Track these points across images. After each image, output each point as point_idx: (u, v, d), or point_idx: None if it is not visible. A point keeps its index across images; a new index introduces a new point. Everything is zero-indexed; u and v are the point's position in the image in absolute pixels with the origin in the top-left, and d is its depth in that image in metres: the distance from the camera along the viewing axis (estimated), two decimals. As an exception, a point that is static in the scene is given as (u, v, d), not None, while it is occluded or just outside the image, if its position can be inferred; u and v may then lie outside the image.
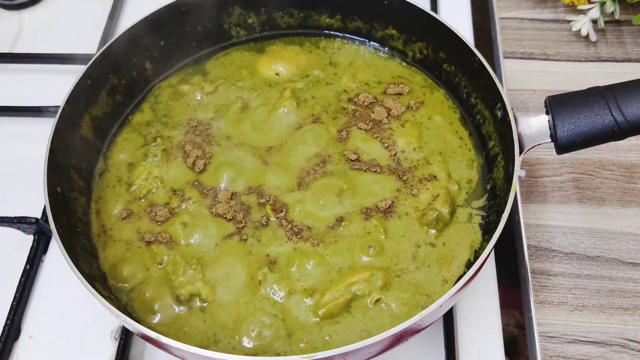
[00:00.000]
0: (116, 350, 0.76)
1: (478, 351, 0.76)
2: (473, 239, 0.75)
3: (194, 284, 0.72)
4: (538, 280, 0.82)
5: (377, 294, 0.70)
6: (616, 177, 0.90)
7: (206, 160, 0.82)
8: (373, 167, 0.80)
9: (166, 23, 0.88)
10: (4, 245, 0.88)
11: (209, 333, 0.70)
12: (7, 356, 0.78)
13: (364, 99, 0.87)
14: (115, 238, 0.77)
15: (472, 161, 0.82)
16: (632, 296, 0.81)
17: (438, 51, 0.88)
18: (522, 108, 0.99)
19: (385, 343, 0.63)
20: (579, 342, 0.78)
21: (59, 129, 0.76)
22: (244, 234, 0.76)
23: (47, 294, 0.83)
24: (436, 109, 0.87)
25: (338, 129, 0.84)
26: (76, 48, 1.05)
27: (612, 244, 0.85)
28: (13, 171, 0.95)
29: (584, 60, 1.04)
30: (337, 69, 0.92)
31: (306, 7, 0.93)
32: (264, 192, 0.79)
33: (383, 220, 0.76)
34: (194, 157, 0.82)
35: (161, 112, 0.88)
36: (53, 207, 0.70)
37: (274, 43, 0.96)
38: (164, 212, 0.78)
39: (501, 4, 1.12)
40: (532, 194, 0.89)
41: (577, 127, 0.70)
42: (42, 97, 0.98)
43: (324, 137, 0.83)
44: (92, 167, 0.83)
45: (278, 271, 0.73)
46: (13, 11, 1.17)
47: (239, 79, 0.91)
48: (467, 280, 0.63)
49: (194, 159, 0.82)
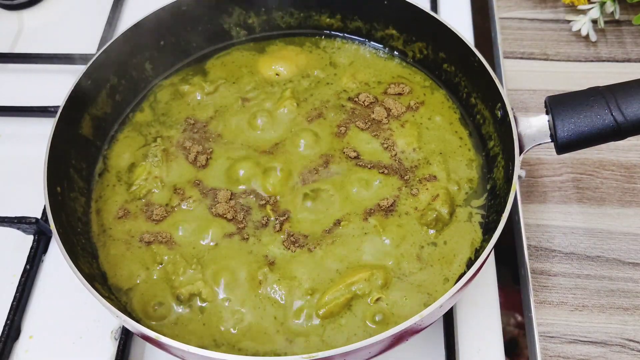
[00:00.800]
0: (116, 350, 0.76)
1: (478, 351, 0.76)
2: (474, 237, 0.76)
3: (194, 283, 0.72)
4: (538, 280, 0.82)
5: (377, 293, 0.70)
6: (616, 177, 0.90)
7: (207, 155, 0.82)
8: (375, 166, 0.80)
9: (166, 23, 0.88)
10: (4, 245, 0.88)
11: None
12: (7, 356, 0.78)
13: (364, 98, 0.87)
14: (115, 238, 0.77)
15: (472, 161, 0.82)
16: (632, 296, 0.81)
17: (438, 51, 0.88)
18: (522, 108, 0.99)
19: (385, 343, 0.63)
20: (579, 342, 0.78)
21: (59, 129, 0.76)
22: (245, 233, 0.76)
23: (47, 294, 0.83)
24: (436, 109, 0.87)
25: (337, 125, 0.84)
26: (76, 48, 1.05)
27: (612, 244, 0.85)
28: (13, 171, 0.95)
29: (584, 60, 1.04)
30: (337, 69, 0.92)
31: (306, 7, 0.93)
32: (263, 193, 0.79)
33: (383, 219, 0.76)
34: (195, 152, 0.82)
35: (161, 112, 0.88)
36: (53, 207, 0.70)
37: (274, 43, 0.96)
38: (161, 210, 0.78)
39: (501, 4, 1.12)
40: (532, 194, 0.89)
41: (577, 127, 0.69)
42: (42, 97, 0.98)
43: (324, 137, 0.83)
44: (92, 167, 0.83)
45: (278, 271, 0.73)
46: (13, 11, 1.17)
47: (239, 79, 0.91)
48: (467, 280, 0.63)
49: (195, 154, 0.82)
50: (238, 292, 0.72)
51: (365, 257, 0.73)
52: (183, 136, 0.85)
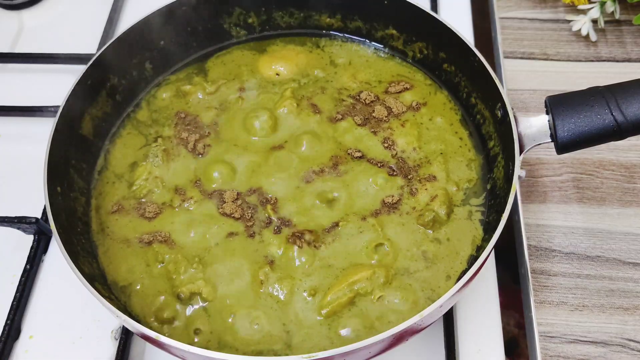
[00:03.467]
0: (116, 350, 0.76)
1: (478, 351, 0.76)
2: (474, 235, 0.76)
3: (195, 282, 0.72)
4: (538, 280, 0.82)
5: (379, 292, 0.70)
6: (616, 177, 0.90)
7: (205, 144, 0.83)
8: (379, 164, 0.80)
9: (166, 23, 0.88)
10: (4, 245, 0.88)
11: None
12: (7, 356, 0.78)
13: (365, 96, 0.87)
14: (115, 237, 0.77)
15: (472, 161, 0.82)
16: (632, 296, 0.81)
17: (438, 51, 0.88)
18: (522, 108, 0.99)
19: (385, 343, 0.63)
20: (579, 342, 0.78)
21: (59, 129, 0.76)
22: (249, 232, 0.76)
23: (47, 294, 0.83)
24: (438, 110, 0.87)
25: (336, 112, 0.85)
26: (76, 48, 1.05)
27: (612, 244, 0.85)
28: (13, 171, 0.95)
29: (584, 60, 1.04)
30: (337, 68, 0.92)
31: (306, 7, 0.93)
32: (264, 193, 0.79)
33: (384, 218, 0.76)
34: (192, 141, 0.83)
35: (161, 112, 0.88)
36: (53, 207, 0.70)
37: (274, 43, 0.96)
38: (158, 208, 0.78)
39: (501, 4, 1.12)
40: (532, 194, 0.89)
41: (577, 127, 0.70)
42: (42, 97, 0.97)
43: (324, 137, 0.83)
44: (92, 166, 0.83)
45: (280, 270, 0.73)
46: (13, 11, 1.17)
47: (239, 79, 0.91)
48: (467, 280, 0.63)
49: (193, 143, 0.83)
50: (239, 291, 0.72)
51: (366, 255, 0.73)
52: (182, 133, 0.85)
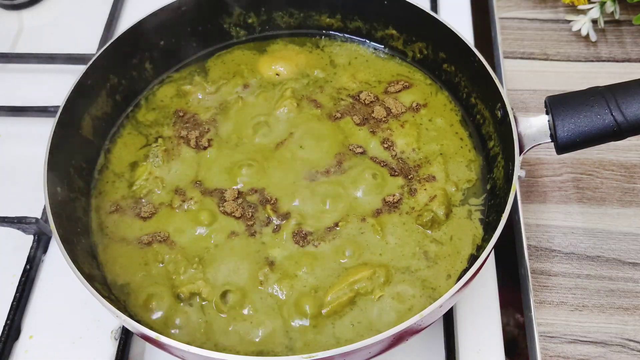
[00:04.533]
0: (116, 350, 0.76)
1: (478, 351, 0.76)
2: (475, 234, 0.76)
3: (195, 282, 0.72)
4: (538, 280, 0.82)
5: (379, 291, 0.70)
6: (616, 177, 0.90)
7: (208, 137, 0.83)
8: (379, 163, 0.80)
9: (166, 23, 0.88)
10: (4, 245, 0.88)
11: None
12: (7, 356, 0.78)
13: (365, 97, 0.87)
14: (114, 237, 0.77)
15: (472, 162, 0.82)
16: (632, 296, 0.81)
17: (438, 51, 0.88)
18: (522, 108, 0.99)
19: (385, 343, 0.63)
20: (579, 342, 0.78)
21: (59, 129, 0.76)
22: (250, 232, 0.76)
23: (47, 294, 0.83)
24: (438, 111, 0.87)
25: (334, 115, 0.85)
26: (76, 48, 1.05)
27: (612, 244, 0.85)
28: (13, 171, 0.95)
29: (584, 60, 1.04)
30: (337, 68, 0.92)
31: (306, 7, 0.93)
32: (265, 192, 0.79)
33: (383, 218, 0.76)
34: (194, 137, 0.83)
35: (162, 112, 0.88)
36: (53, 207, 0.70)
37: (274, 42, 0.96)
38: (158, 208, 0.78)
39: (501, 4, 1.12)
40: (532, 194, 0.89)
41: (577, 127, 0.70)
42: (42, 97, 0.98)
43: (324, 136, 0.83)
44: (92, 166, 0.83)
45: (279, 271, 0.73)
46: (13, 11, 1.17)
47: (239, 78, 0.91)
48: (468, 279, 0.63)
49: (195, 139, 0.83)
50: (239, 290, 0.72)
51: (367, 255, 0.73)
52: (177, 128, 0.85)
